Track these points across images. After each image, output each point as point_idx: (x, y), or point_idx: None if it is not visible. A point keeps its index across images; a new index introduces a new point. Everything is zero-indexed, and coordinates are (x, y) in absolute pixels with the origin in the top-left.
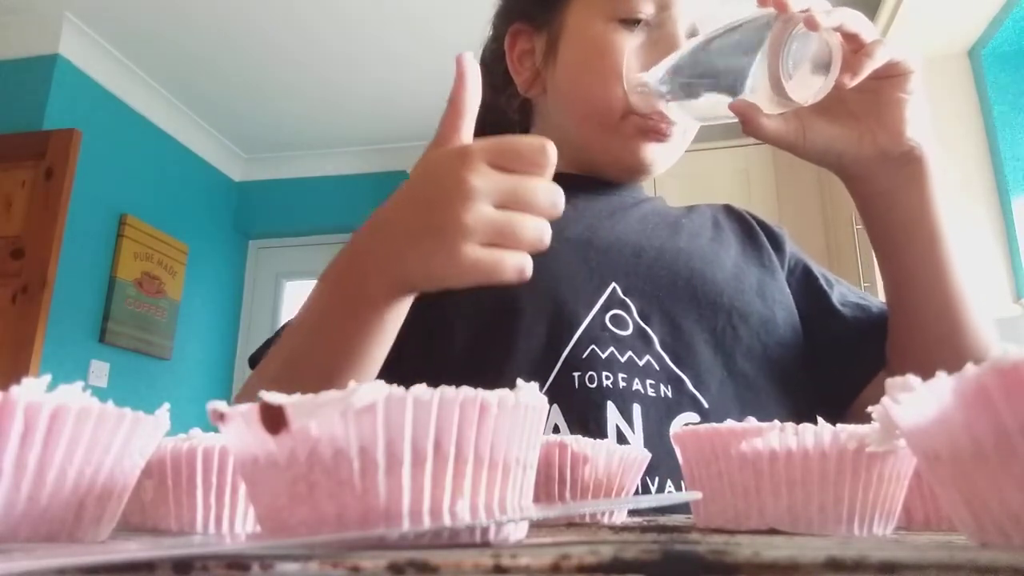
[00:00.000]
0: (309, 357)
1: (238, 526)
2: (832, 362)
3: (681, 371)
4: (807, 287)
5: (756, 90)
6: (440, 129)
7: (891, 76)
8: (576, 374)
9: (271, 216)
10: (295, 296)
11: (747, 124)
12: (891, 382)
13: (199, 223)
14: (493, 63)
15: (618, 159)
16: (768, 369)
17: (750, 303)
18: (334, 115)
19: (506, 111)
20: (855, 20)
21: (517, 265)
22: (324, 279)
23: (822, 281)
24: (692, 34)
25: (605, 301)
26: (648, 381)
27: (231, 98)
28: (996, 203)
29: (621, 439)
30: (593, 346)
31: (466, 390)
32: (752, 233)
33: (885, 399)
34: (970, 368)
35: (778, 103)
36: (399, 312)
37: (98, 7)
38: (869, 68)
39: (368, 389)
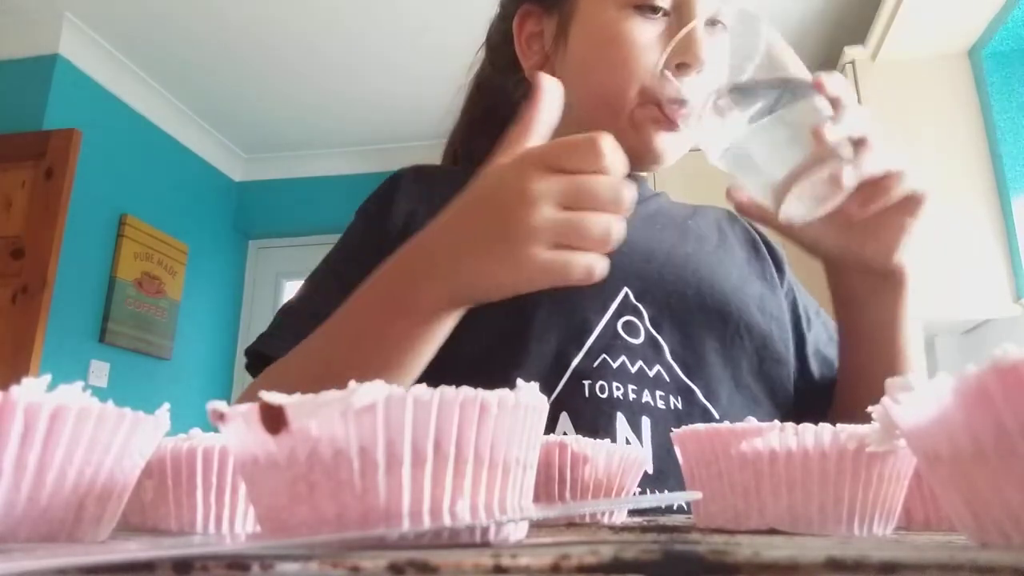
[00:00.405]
0: (346, 368)
1: (238, 526)
2: None
3: (691, 381)
4: (792, 324)
5: (755, 180)
6: (505, 143)
7: (902, 204)
8: (586, 383)
9: (271, 216)
10: None
11: (739, 208)
12: (891, 382)
13: (199, 223)
14: (500, 44)
15: (629, 149)
16: (765, 384)
17: (753, 316)
18: (334, 115)
19: (512, 95)
20: (885, 163)
21: (586, 265)
22: (369, 289)
23: (804, 323)
24: (713, 24)
25: (618, 307)
26: (658, 392)
27: (231, 98)
28: (996, 203)
29: None
30: (604, 355)
31: (466, 390)
32: (756, 245)
33: (885, 399)
34: (970, 368)
35: (770, 203)
36: (449, 325)
37: (98, 7)
38: (882, 205)
39: (368, 389)
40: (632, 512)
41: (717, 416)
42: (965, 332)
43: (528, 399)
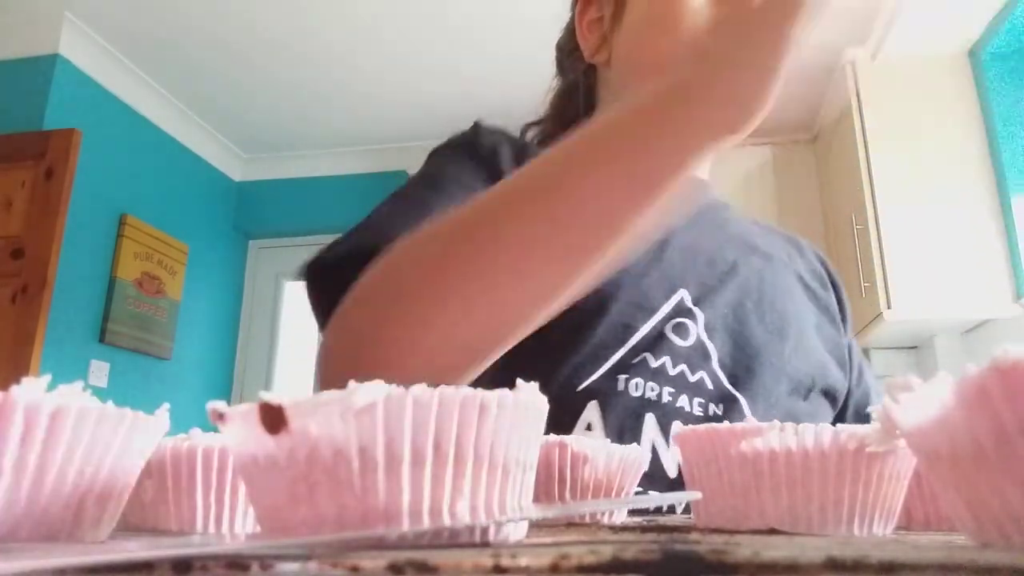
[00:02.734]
0: (531, 232)
1: (238, 526)
2: None
3: (738, 392)
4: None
5: None
6: None
7: None
8: (622, 377)
9: (271, 216)
10: (295, 296)
11: None
12: (891, 382)
13: (199, 223)
14: (566, 45)
15: None
16: (815, 410)
17: (811, 339)
18: (334, 115)
19: (580, 91)
20: None
21: None
22: (579, 142)
23: (854, 377)
24: None
25: (671, 310)
26: (697, 399)
27: (231, 98)
28: (996, 203)
29: (655, 455)
30: (647, 353)
31: (466, 390)
32: (823, 281)
33: (885, 399)
34: (970, 368)
35: None
36: (680, 179)
37: (98, 7)
38: None
39: (368, 389)
40: (632, 512)
41: None
42: (965, 332)
43: (528, 399)
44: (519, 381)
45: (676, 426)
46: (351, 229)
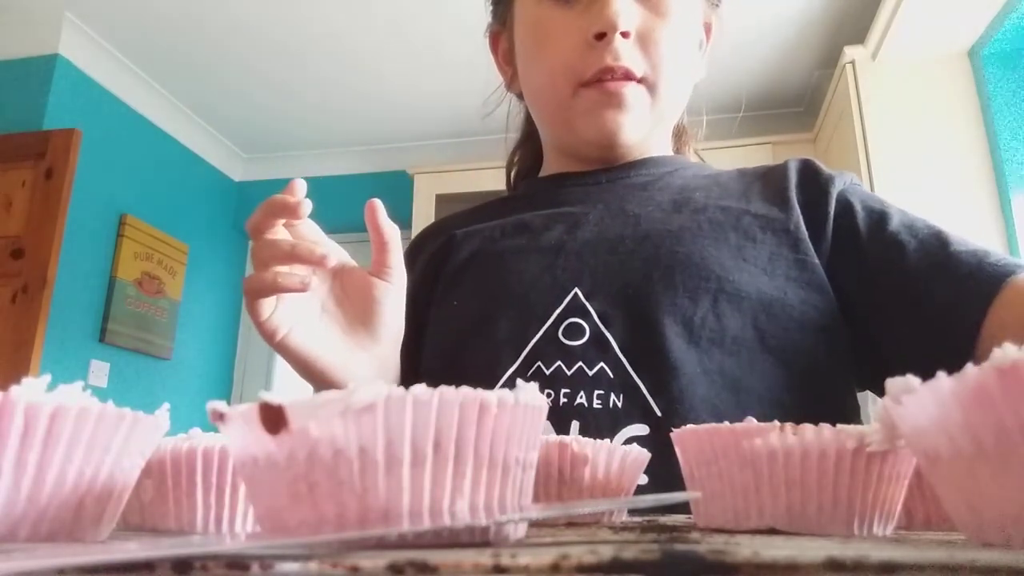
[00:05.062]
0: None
1: (238, 526)
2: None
3: (638, 376)
4: (870, 240)
5: None
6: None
7: None
8: None
9: None
10: None
11: None
12: (891, 382)
13: (199, 223)
14: None
15: (583, 136)
16: (764, 360)
17: (747, 284)
18: (334, 115)
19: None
20: None
21: (271, 279)
22: None
23: (899, 235)
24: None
25: (561, 312)
26: (596, 391)
27: (231, 98)
28: (996, 203)
29: None
30: (538, 363)
31: (466, 390)
32: (781, 197)
33: (885, 399)
34: (970, 368)
35: None
36: (286, 352)
37: (98, 7)
38: None
39: (368, 389)
40: (632, 512)
41: (659, 413)
42: None
43: (528, 399)
44: (519, 381)
45: (574, 425)
46: None
